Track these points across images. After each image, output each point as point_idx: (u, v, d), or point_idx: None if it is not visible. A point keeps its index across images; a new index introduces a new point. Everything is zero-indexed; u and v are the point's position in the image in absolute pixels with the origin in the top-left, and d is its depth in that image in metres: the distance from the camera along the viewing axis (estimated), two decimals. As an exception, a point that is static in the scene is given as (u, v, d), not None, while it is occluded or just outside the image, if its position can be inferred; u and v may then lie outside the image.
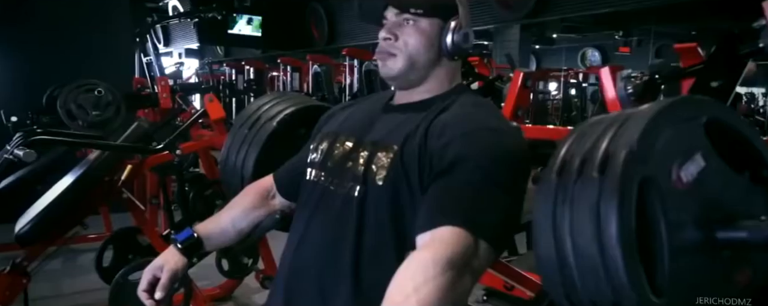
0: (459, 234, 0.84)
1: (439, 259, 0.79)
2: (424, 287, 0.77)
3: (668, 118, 0.72)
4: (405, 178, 0.97)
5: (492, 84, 2.37)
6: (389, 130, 1.05)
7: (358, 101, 1.27)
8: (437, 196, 0.91)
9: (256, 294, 3.07)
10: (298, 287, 1.06)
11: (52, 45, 4.63)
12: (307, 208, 1.10)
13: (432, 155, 0.95)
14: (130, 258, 2.78)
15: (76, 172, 2.44)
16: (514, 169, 0.94)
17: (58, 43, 4.65)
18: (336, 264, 1.01)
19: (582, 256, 0.69)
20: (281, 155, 1.37)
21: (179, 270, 1.18)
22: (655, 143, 0.70)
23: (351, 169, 1.05)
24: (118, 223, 3.80)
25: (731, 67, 1.50)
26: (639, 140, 0.68)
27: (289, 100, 1.52)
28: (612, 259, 0.66)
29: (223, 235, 1.27)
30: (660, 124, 0.71)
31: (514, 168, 0.94)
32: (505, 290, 1.87)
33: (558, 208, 0.73)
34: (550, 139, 1.80)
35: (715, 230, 0.72)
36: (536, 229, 0.76)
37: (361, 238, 0.99)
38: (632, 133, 0.69)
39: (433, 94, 1.09)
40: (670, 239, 0.68)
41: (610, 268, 0.66)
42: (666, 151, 0.70)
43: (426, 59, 1.06)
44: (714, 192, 0.74)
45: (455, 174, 0.91)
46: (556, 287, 0.74)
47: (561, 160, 0.76)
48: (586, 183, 0.70)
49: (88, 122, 3.28)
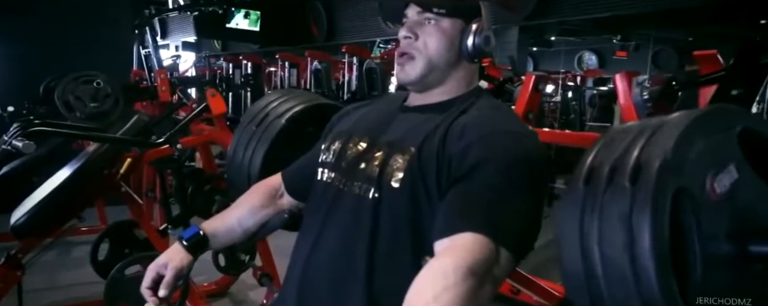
0: (480, 241, 0.82)
1: (460, 267, 0.77)
2: (444, 295, 0.75)
3: (702, 127, 0.70)
4: (422, 181, 0.95)
5: (502, 86, 2.36)
6: (406, 131, 1.03)
7: (372, 101, 1.25)
8: (457, 200, 0.89)
9: (252, 290, 3.04)
10: (311, 291, 1.04)
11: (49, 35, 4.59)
12: (321, 209, 1.08)
13: (451, 158, 0.93)
14: (126, 252, 2.75)
15: (75, 164, 2.41)
16: (535, 173, 0.92)
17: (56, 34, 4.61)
18: (350, 268, 0.99)
19: (611, 267, 0.68)
20: (289, 154, 1.35)
21: (184, 268, 1.17)
22: (688, 153, 0.68)
23: (365, 171, 1.03)
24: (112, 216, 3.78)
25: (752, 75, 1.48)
26: (674, 149, 0.66)
27: (297, 97, 1.50)
28: (644, 270, 0.64)
29: (230, 234, 1.25)
30: (694, 133, 0.69)
31: (535, 172, 0.92)
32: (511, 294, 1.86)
33: (586, 218, 0.71)
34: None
35: (748, 244, 0.71)
36: (562, 238, 0.75)
37: (375, 242, 0.98)
38: (666, 141, 0.68)
39: (450, 96, 1.07)
40: (702, 252, 0.67)
41: (642, 279, 0.64)
42: (700, 161, 0.69)
43: (445, 61, 1.04)
44: (747, 204, 0.73)
45: (475, 178, 0.89)
46: (582, 297, 0.72)
47: (588, 168, 0.75)
48: (617, 192, 0.69)
49: (86, 114, 3.23)
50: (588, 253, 0.70)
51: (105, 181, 2.43)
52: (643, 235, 0.64)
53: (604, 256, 0.69)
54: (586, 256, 0.70)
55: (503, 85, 2.31)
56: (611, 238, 0.68)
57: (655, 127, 0.72)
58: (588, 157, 0.76)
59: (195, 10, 4.92)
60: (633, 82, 1.76)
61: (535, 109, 1.95)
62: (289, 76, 7.05)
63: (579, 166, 0.76)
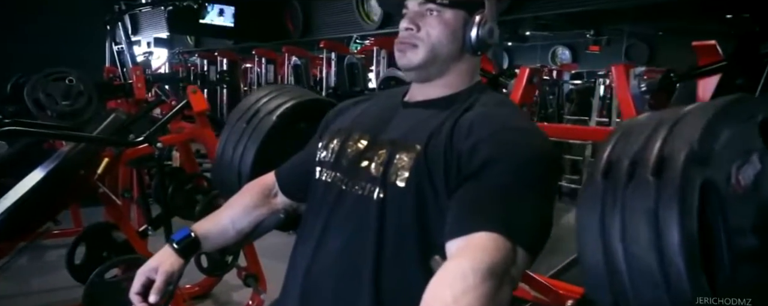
0: (497, 240, 0.79)
1: (479, 268, 0.74)
2: (463, 298, 0.72)
3: (727, 117, 0.68)
4: (429, 180, 0.92)
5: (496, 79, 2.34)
6: (409, 128, 1.00)
7: (369, 97, 1.21)
8: (468, 199, 0.86)
9: (235, 291, 2.98)
10: (315, 294, 1.00)
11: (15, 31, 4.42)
12: (322, 210, 1.04)
13: (459, 156, 0.90)
14: (105, 255, 2.67)
15: (49, 165, 2.31)
16: (545, 170, 0.90)
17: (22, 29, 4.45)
18: (356, 270, 0.95)
19: (636, 264, 0.66)
20: (281, 151, 1.31)
21: (175, 272, 1.12)
22: (714, 144, 0.66)
23: (367, 170, 0.99)
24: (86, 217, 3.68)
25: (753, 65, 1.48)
26: (700, 140, 0.64)
27: (288, 93, 1.45)
28: (674, 267, 0.62)
29: (222, 235, 1.20)
30: (720, 123, 0.67)
31: (545, 169, 0.90)
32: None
33: (607, 213, 0.69)
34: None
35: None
36: (581, 234, 0.72)
37: (381, 243, 0.94)
38: (691, 132, 0.66)
39: (452, 90, 1.04)
40: (729, 247, 0.65)
41: (671, 277, 0.62)
42: (724, 152, 0.67)
43: (448, 52, 1.01)
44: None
45: (486, 176, 0.86)
46: (604, 295, 0.70)
47: (606, 162, 0.73)
48: (640, 187, 0.67)
49: (58, 112, 3.13)
50: (610, 250, 0.68)
51: (82, 182, 2.34)
52: (671, 231, 0.62)
53: (628, 253, 0.66)
54: (609, 253, 0.68)
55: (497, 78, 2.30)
56: (636, 234, 0.66)
57: (676, 118, 0.70)
58: (605, 151, 0.74)
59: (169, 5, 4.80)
60: (630, 75, 1.75)
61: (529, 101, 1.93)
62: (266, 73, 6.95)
63: (596, 161, 0.74)
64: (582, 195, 0.73)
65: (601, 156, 0.74)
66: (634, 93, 1.73)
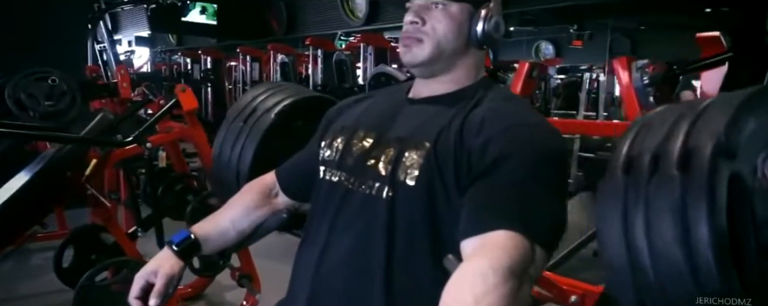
0: (514, 238, 0.77)
1: (499, 267, 0.73)
2: (485, 299, 0.70)
3: (752, 108, 0.67)
4: (439, 178, 0.90)
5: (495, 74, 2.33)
6: (416, 125, 0.98)
7: (371, 94, 1.18)
8: (482, 196, 0.84)
9: (228, 292, 2.95)
10: (324, 296, 0.98)
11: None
12: (328, 211, 1.01)
13: (470, 153, 0.88)
14: (93, 258, 2.61)
15: (34, 167, 2.26)
16: (558, 166, 0.88)
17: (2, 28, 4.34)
18: (367, 271, 0.93)
19: (662, 260, 0.64)
20: (281, 150, 1.28)
21: (175, 275, 1.09)
22: (740, 136, 0.65)
23: (375, 168, 0.97)
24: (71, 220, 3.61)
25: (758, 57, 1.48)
26: (726, 132, 0.63)
27: (285, 90, 1.43)
28: (703, 262, 0.61)
29: (223, 237, 1.17)
30: (745, 114, 0.66)
31: (558, 165, 0.88)
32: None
33: (630, 209, 0.68)
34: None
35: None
36: (602, 230, 0.71)
37: (392, 243, 0.92)
38: (716, 125, 0.64)
39: (458, 85, 1.02)
40: (756, 241, 0.64)
41: (701, 273, 0.61)
42: (750, 144, 0.66)
43: (454, 47, 0.99)
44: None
45: (499, 173, 0.84)
46: (626, 292, 0.69)
47: (626, 156, 0.71)
48: (665, 181, 0.65)
49: (41, 113, 3.06)
50: (633, 246, 0.67)
51: (69, 184, 2.29)
52: (700, 226, 0.61)
53: (653, 249, 0.65)
54: (632, 249, 0.67)
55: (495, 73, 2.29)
56: (662, 230, 0.64)
57: (698, 111, 0.69)
58: (623, 146, 0.73)
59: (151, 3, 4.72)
60: (632, 67, 1.74)
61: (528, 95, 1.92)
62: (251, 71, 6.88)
63: (614, 155, 0.73)
64: (601, 191, 0.72)
65: (620, 151, 0.73)
66: (636, 86, 1.73)
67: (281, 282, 2.02)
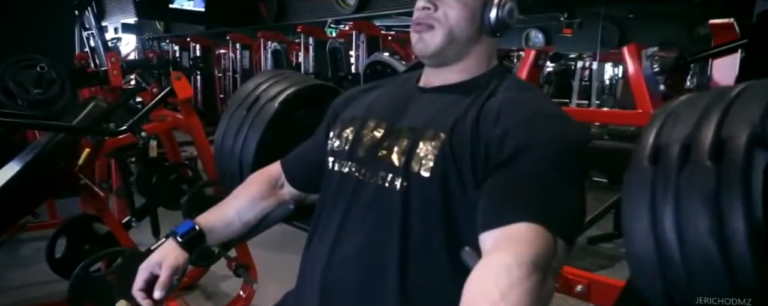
0: (537, 231, 0.76)
1: (523, 261, 0.71)
2: (511, 293, 0.68)
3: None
4: (455, 169, 0.88)
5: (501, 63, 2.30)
6: (430, 115, 0.95)
7: (380, 84, 1.16)
8: (501, 188, 0.82)
9: (223, 281, 2.92)
10: (337, 289, 0.96)
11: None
12: (339, 202, 0.99)
13: (488, 144, 0.86)
14: (86, 248, 2.58)
15: (25, 156, 2.21)
16: (577, 158, 0.86)
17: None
18: (380, 262, 0.91)
19: (694, 253, 0.63)
20: (284, 139, 1.26)
21: (180, 266, 1.07)
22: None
23: (387, 159, 0.94)
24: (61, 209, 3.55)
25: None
26: (762, 121, 0.62)
27: (288, 78, 1.39)
28: (738, 255, 0.60)
29: (228, 228, 1.16)
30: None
31: (577, 157, 0.86)
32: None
33: (658, 201, 0.66)
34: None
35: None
36: (628, 222, 0.70)
37: (406, 235, 0.90)
38: (751, 113, 0.63)
39: (471, 74, 1.00)
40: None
41: (735, 265, 0.60)
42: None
43: (466, 35, 0.97)
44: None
45: (518, 165, 0.82)
46: (654, 285, 0.68)
47: (652, 147, 0.70)
48: (696, 172, 0.64)
49: (29, 101, 2.99)
50: (662, 239, 0.66)
51: (62, 174, 2.25)
52: (735, 218, 0.60)
53: (683, 242, 0.64)
54: (661, 242, 0.66)
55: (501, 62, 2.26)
56: (693, 223, 0.63)
57: (729, 99, 0.67)
58: (649, 135, 0.71)
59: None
60: (642, 55, 1.72)
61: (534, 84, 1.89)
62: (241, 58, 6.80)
63: (639, 145, 0.71)
64: (628, 182, 0.71)
65: (646, 141, 0.71)
66: (646, 74, 1.70)
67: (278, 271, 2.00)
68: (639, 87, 1.65)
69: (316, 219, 1.07)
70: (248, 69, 6.94)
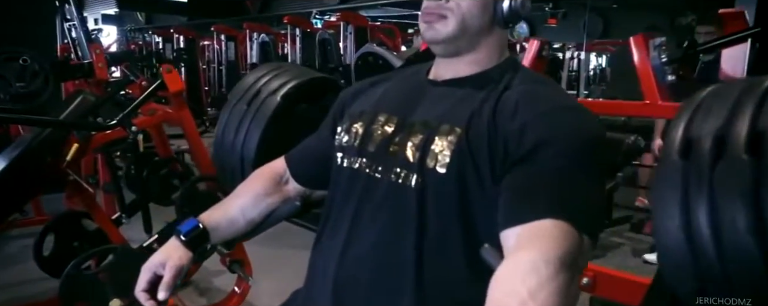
0: (562, 228, 0.74)
1: (550, 259, 0.69)
2: (540, 292, 0.67)
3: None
4: (472, 165, 0.86)
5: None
6: (444, 109, 0.93)
7: (388, 76, 1.13)
8: (522, 184, 0.80)
9: (216, 277, 2.88)
10: (351, 288, 0.93)
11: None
12: (350, 199, 0.97)
13: (506, 138, 0.84)
14: (76, 245, 2.52)
15: (11, 153, 2.14)
16: (597, 151, 0.84)
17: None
18: (396, 261, 0.89)
19: (730, 248, 0.62)
20: (287, 134, 1.23)
21: (184, 266, 1.05)
22: None
23: (400, 155, 0.92)
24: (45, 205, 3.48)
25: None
26: None
27: (289, 72, 1.36)
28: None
29: (232, 226, 1.13)
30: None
31: (597, 150, 0.84)
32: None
33: (692, 195, 0.65)
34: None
35: None
36: (659, 217, 0.68)
37: (422, 232, 0.88)
38: None
39: (483, 66, 0.97)
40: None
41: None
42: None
43: (479, 25, 0.94)
44: None
45: (538, 160, 0.80)
46: (685, 280, 0.66)
47: (682, 140, 0.68)
48: (733, 166, 0.62)
49: (12, 95, 2.92)
50: (696, 234, 0.64)
51: (49, 170, 2.19)
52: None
53: (719, 238, 0.62)
54: (694, 237, 0.64)
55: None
56: (730, 218, 0.61)
57: (762, 90, 0.65)
58: (678, 129, 0.70)
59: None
60: (650, 45, 1.70)
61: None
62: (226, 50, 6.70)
63: (668, 139, 0.69)
64: (657, 176, 0.69)
65: (675, 134, 0.69)
66: (654, 64, 1.69)
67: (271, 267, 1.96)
68: (647, 78, 1.63)
69: (326, 216, 1.04)
70: (234, 61, 6.84)
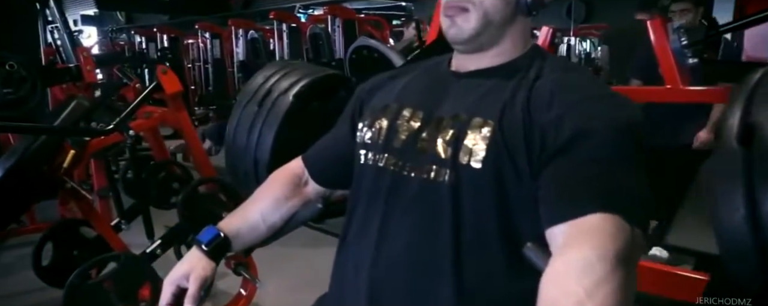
0: (613, 222, 0.70)
1: (605, 255, 0.66)
2: (597, 291, 0.64)
3: None
4: (509, 159, 0.82)
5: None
6: (473, 101, 0.89)
7: (405, 70, 1.09)
8: (566, 178, 0.77)
9: (219, 280, 2.81)
10: (387, 290, 0.90)
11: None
12: (377, 198, 0.93)
13: (543, 129, 0.80)
14: (75, 254, 2.46)
15: (5, 162, 2.08)
16: (639, 140, 0.82)
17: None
18: (433, 262, 0.86)
19: None
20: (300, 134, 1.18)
21: (208, 277, 1.01)
22: None
23: (430, 151, 0.88)
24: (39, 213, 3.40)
25: None
26: None
27: (298, 70, 1.31)
28: None
29: (254, 232, 1.09)
30: None
31: (639, 139, 0.82)
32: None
33: (757, 185, 0.62)
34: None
35: None
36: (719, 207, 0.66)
37: (459, 231, 0.84)
38: None
39: (508, 57, 0.93)
40: None
41: None
42: None
43: (502, 16, 0.90)
44: None
45: (580, 151, 0.77)
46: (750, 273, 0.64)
47: (741, 126, 0.65)
48: None
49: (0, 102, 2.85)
50: (761, 224, 0.62)
51: (46, 179, 2.13)
52: None
53: None
54: (759, 228, 0.62)
55: None
56: None
57: None
58: (733, 114, 0.67)
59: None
60: (668, 29, 1.67)
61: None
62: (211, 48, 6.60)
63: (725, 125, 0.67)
64: (715, 163, 0.66)
65: (732, 119, 0.67)
66: (674, 47, 1.65)
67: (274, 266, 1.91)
68: (667, 61, 1.59)
69: (350, 216, 1.00)
70: (220, 58, 6.74)
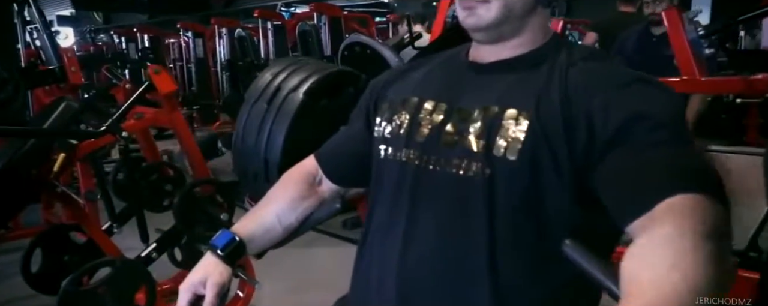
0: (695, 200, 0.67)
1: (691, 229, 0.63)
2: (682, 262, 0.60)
3: None
4: (548, 150, 0.80)
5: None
6: (500, 93, 0.87)
7: (419, 63, 1.07)
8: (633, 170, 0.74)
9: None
10: (417, 289, 0.87)
11: None
12: (401, 194, 0.90)
13: (589, 116, 0.78)
14: (65, 260, 2.40)
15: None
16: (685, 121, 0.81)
17: None
18: (466, 259, 0.84)
19: None
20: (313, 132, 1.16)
21: (225, 283, 0.98)
22: None
23: (459, 144, 0.86)
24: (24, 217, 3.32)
25: None
26: None
27: (307, 66, 1.28)
28: None
29: (269, 234, 1.06)
30: None
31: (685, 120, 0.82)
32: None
33: None
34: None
35: None
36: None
37: (493, 225, 0.82)
38: None
39: (529, 47, 0.92)
40: None
41: None
42: None
43: (522, 6, 0.88)
44: None
45: (638, 137, 0.75)
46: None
47: None
48: None
49: (-19, 105, 2.76)
50: None
51: (36, 182, 2.07)
52: None
53: None
54: None
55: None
56: None
57: None
58: None
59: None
60: (684, 19, 1.65)
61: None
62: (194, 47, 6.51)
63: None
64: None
65: None
66: (691, 37, 1.63)
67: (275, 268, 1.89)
68: (683, 52, 1.57)
69: (371, 214, 0.98)
70: (203, 58, 6.66)
